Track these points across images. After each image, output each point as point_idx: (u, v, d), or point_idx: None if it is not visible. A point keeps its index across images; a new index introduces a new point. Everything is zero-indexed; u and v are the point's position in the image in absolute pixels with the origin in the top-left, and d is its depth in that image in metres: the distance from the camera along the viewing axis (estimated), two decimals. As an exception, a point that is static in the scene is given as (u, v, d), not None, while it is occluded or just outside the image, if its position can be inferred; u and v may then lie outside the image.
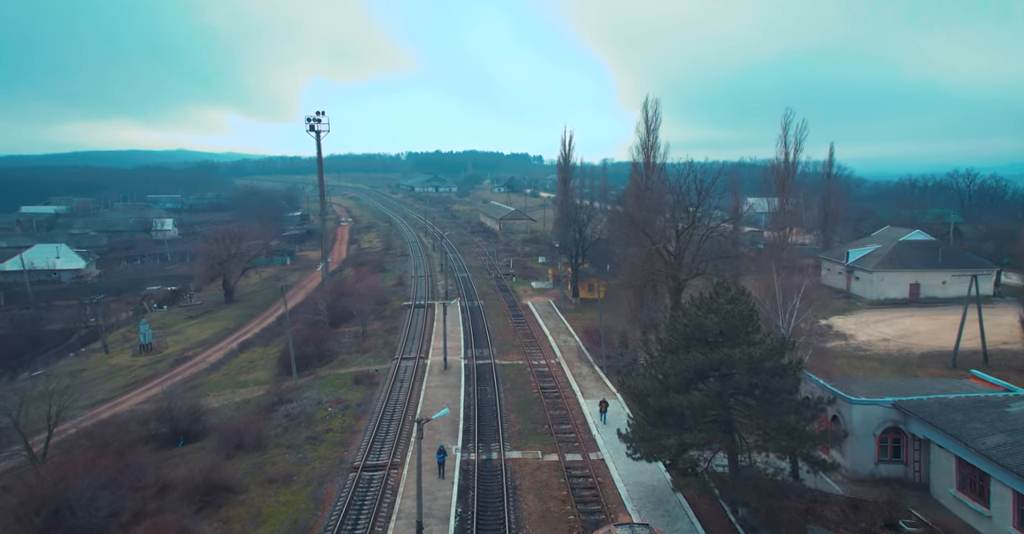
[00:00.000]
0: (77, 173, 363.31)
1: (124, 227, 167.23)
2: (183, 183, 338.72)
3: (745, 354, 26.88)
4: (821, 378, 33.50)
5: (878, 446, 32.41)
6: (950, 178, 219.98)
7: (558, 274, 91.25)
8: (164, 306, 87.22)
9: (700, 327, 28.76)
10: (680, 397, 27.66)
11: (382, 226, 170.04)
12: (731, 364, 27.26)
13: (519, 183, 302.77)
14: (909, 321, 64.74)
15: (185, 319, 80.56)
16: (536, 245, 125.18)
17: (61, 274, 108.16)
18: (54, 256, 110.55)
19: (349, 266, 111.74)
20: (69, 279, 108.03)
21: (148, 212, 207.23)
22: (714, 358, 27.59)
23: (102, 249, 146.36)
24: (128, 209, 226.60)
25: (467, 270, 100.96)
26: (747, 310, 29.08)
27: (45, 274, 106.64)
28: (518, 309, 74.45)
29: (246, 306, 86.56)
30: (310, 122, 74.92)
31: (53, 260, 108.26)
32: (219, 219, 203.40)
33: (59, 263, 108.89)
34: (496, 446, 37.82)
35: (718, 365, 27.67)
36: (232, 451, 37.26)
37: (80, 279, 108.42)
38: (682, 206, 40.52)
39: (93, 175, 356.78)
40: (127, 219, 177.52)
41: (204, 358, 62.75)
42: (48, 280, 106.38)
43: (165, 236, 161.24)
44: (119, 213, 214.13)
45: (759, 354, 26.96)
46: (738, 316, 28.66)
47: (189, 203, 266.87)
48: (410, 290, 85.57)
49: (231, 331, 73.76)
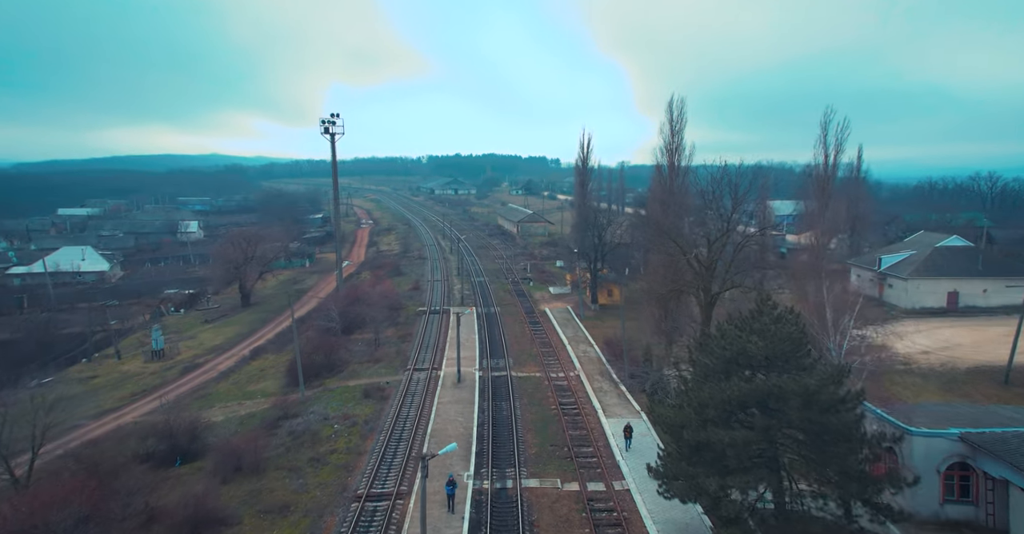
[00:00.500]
0: (114, 177, 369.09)
1: (151, 229, 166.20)
2: (213, 186, 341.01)
3: (798, 385, 22.59)
4: (879, 407, 28.86)
5: (943, 484, 27.83)
6: (971, 181, 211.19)
7: (576, 279, 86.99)
8: (181, 310, 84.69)
9: (742, 351, 24.51)
10: (720, 432, 23.44)
11: (401, 228, 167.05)
12: (781, 397, 23.02)
13: (537, 186, 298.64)
14: (949, 332, 59.36)
15: (201, 323, 77.81)
16: (554, 248, 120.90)
17: (85, 276, 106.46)
18: (79, 258, 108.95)
19: (366, 269, 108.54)
20: (93, 281, 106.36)
21: (176, 214, 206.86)
22: (760, 389, 23.33)
23: (129, 251, 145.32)
24: (158, 211, 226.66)
25: (484, 274, 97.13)
26: (796, 331, 24.74)
27: (70, 276, 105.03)
28: (535, 315, 70.38)
29: (262, 310, 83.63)
30: (324, 125, 71.70)
31: (78, 262, 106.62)
32: (244, 221, 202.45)
33: (84, 265, 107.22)
34: (511, 472, 33.83)
35: (765, 397, 23.43)
36: (229, 474, 33.77)
37: (104, 281, 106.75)
38: (716, 212, 36.17)
39: (129, 178, 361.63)
40: (154, 221, 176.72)
41: (215, 366, 59.69)
42: (73, 282, 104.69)
43: (190, 238, 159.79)
44: (149, 215, 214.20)
45: (814, 385, 22.65)
46: (786, 339, 24.36)
47: (218, 205, 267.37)
48: (426, 295, 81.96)
49: (245, 336, 70.74)
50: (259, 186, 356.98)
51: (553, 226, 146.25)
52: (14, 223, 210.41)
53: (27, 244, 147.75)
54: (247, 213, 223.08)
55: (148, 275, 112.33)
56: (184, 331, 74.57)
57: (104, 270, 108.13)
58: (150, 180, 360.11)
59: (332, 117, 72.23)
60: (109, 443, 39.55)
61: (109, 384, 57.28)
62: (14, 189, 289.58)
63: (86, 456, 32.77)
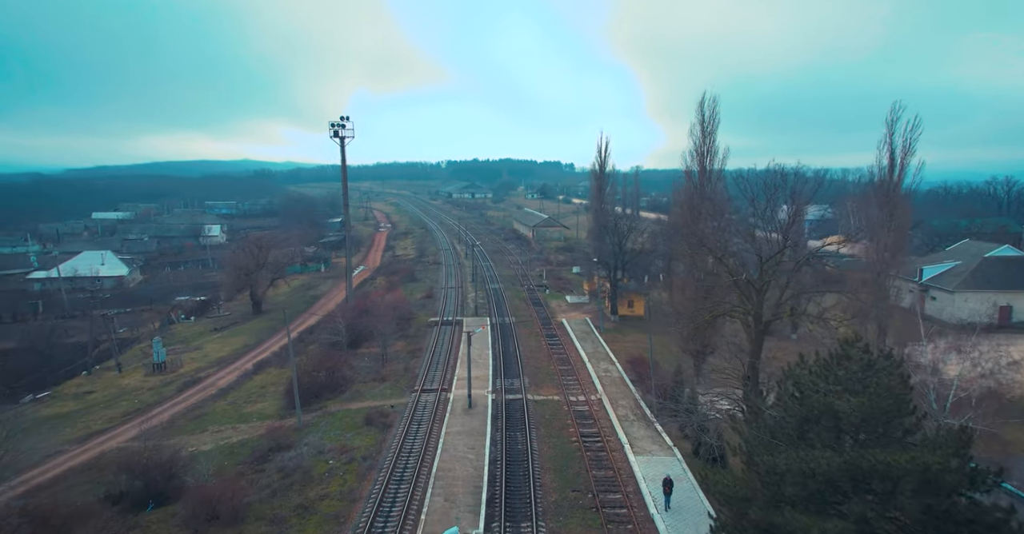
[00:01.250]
0: (151, 181, 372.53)
1: (175, 233, 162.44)
2: (241, 190, 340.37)
3: (912, 462, 16.17)
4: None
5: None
6: (987, 185, 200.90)
7: (594, 288, 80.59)
8: (191, 317, 79.70)
9: (828, 411, 18.10)
10: (805, 519, 17.01)
11: (418, 232, 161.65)
12: (888, 476, 16.61)
13: (551, 190, 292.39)
14: (1005, 351, 52.02)
15: (209, 332, 72.65)
16: (570, 254, 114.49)
17: (104, 281, 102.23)
18: (99, 263, 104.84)
19: (381, 274, 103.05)
20: (112, 286, 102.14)
21: (202, 218, 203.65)
22: (858, 464, 16.91)
23: (152, 254, 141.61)
24: (185, 215, 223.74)
25: (499, 280, 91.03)
26: (899, 384, 18.25)
27: (88, 281, 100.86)
28: (552, 327, 64.10)
29: (273, 318, 78.30)
30: (334, 128, 66.12)
31: (97, 267, 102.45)
32: (266, 225, 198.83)
33: (103, 270, 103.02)
34: (528, 528, 27.64)
35: (867, 476, 17.01)
36: (202, 526, 28.02)
37: (122, 286, 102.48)
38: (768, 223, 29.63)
39: (163, 183, 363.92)
40: (178, 225, 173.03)
41: (215, 381, 54.28)
42: (91, 287, 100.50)
43: (211, 242, 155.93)
44: (176, 219, 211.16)
45: (935, 461, 16.20)
46: (887, 395, 17.85)
47: (244, 209, 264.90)
48: (439, 303, 76.07)
49: (251, 348, 65.38)
50: (285, 190, 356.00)
51: (568, 230, 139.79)
52: (50, 227, 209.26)
53: (57, 247, 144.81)
54: (270, 217, 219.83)
55: (167, 280, 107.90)
56: (191, 341, 69.40)
57: (123, 275, 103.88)
58: (183, 184, 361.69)
59: (342, 120, 66.57)
60: (79, 479, 34.07)
61: (104, 401, 52.07)
62: (61, 193, 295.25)
63: (35, 507, 27.13)
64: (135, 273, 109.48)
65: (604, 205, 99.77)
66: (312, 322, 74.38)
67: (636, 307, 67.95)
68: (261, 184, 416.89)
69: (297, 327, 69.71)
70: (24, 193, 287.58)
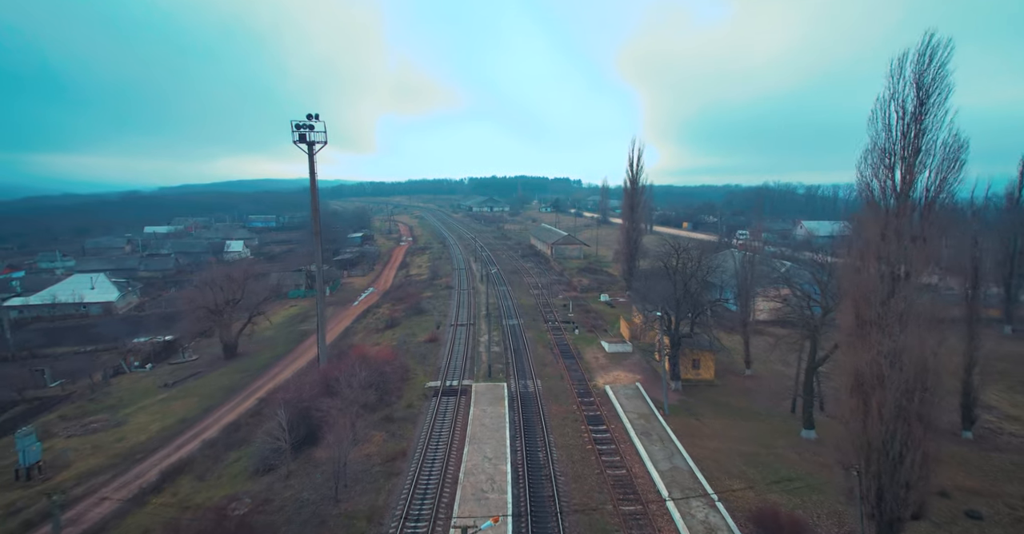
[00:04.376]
0: (215, 197, 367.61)
1: (199, 248, 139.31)
2: (288, 205, 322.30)
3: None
4: None
5: None
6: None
7: (636, 328, 55.14)
8: (148, 364, 55.79)
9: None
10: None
11: (436, 247, 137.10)
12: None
13: (563, 204, 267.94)
14: None
15: (157, 389, 48.56)
16: (593, 276, 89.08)
17: (90, 307, 79.19)
18: (88, 287, 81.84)
19: (388, 300, 78.63)
20: (99, 313, 79.05)
21: (235, 232, 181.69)
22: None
23: (169, 272, 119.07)
24: (222, 229, 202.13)
25: (517, 313, 66.06)
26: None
27: (73, 307, 77.90)
28: (594, 404, 38.87)
29: (246, 365, 54.31)
30: (300, 130, 41.49)
31: (82, 292, 79.39)
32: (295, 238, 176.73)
33: (88, 295, 79.96)
34: None
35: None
36: None
37: (110, 313, 79.30)
38: None
39: (225, 198, 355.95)
40: (203, 240, 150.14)
41: (87, 509, 29.97)
42: (76, 314, 77.51)
43: (234, 258, 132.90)
44: (212, 233, 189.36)
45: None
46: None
47: (283, 222, 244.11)
48: (444, 351, 51.29)
49: (196, 420, 41.27)
50: (326, 205, 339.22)
51: (588, 247, 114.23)
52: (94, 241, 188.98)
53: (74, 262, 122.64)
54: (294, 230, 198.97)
55: (164, 305, 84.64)
56: (125, 405, 45.34)
57: (112, 300, 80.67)
58: (241, 199, 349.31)
59: (309, 119, 41.90)
60: None
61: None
62: (140, 207, 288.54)
63: None
64: (130, 297, 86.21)
65: (637, 224, 74.30)
66: (288, 374, 50.21)
67: (704, 368, 42.47)
68: (305, 200, 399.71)
69: (277, 375, 45.66)
70: (111, 207, 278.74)
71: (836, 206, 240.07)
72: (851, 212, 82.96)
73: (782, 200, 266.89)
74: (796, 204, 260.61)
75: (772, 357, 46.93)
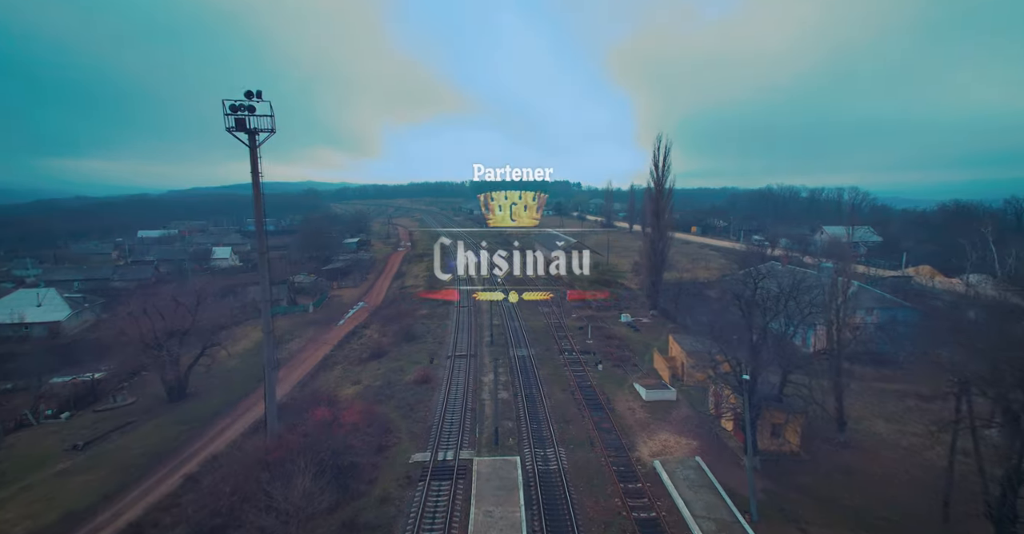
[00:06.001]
0: (219, 200, 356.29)
1: (183, 256, 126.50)
2: (290, 207, 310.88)
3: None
4: None
5: None
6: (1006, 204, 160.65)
7: (675, 365, 43.16)
8: (66, 413, 43.76)
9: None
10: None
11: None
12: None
13: (565, 207, 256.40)
14: None
15: (61, 453, 36.46)
16: (609, 289, 77.09)
17: (32, 329, 67.11)
18: (34, 304, 69.81)
19: (377, 321, 66.63)
20: (43, 336, 66.98)
21: (227, 237, 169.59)
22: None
23: (146, 282, 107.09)
24: (217, 233, 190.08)
25: (528, 340, 54.16)
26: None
27: (11, 329, 65.86)
28: (642, 492, 26.88)
29: (192, 412, 42.33)
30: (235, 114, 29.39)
31: (22, 311, 67.29)
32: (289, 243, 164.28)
33: (31, 314, 67.84)
34: None
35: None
36: None
37: (56, 335, 67.19)
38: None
39: (229, 200, 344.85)
40: (188, 247, 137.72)
41: None
42: (14, 337, 65.44)
43: (220, 266, 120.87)
44: (206, 237, 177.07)
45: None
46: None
47: (284, 225, 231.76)
48: (438, 399, 39.31)
49: (87, 515, 29.18)
50: (329, 207, 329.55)
51: (600, 255, 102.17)
52: (82, 247, 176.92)
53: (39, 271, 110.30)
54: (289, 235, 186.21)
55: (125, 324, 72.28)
56: (2, 483, 33.19)
57: (59, 320, 68.53)
58: (241, 202, 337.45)
59: (249, 99, 30.07)
60: None
61: None
62: (145, 210, 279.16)
63: None
64: (86, 315, 74.04)
65: (664, 233, 62.33)
66: (241, 426, 38.33)
67: (788, 435, 30.39)
68: (308, 201, 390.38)
69: (212, 439, 33.65)
70: (116, 210, 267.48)
71: (841, 210, 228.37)
72: (858, 216, 68.94)
73: (786, 204, 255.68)
74: (800, 208, 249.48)
75: (865, 409, 34.93)
